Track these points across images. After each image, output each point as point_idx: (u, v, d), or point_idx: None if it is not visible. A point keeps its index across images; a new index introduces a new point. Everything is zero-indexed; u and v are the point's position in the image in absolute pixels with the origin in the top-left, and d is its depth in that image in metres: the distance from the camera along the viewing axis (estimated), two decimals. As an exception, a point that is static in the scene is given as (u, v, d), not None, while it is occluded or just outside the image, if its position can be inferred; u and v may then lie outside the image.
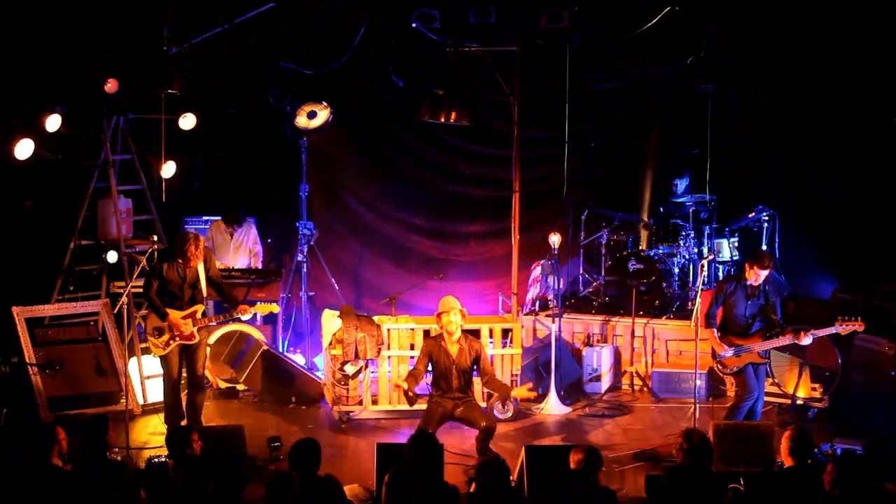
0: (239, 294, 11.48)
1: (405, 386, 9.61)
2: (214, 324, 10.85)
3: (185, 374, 10.40)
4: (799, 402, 11.08)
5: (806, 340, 9.78)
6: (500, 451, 9.56)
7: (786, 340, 9.84)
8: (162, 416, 10.49)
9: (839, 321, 9.72)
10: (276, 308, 10.83)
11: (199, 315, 10.13)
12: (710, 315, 10.02)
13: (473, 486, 7.53)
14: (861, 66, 12.19)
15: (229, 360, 11.74)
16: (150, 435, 10.51)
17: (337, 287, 13.11)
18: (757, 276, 9.81)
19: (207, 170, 13.38)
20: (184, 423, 10.10)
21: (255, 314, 10.60)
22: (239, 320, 10.78)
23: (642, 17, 11.82)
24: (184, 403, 10.34)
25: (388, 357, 11.09)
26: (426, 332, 10.89)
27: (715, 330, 9.97)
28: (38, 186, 12.16)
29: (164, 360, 10.18)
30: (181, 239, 10.06)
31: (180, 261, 10.01)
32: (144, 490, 7.80)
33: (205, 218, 13.27)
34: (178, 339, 10.07)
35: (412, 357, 11.14)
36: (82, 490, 7.48)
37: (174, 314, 10.03)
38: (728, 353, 9.89)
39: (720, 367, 10.09)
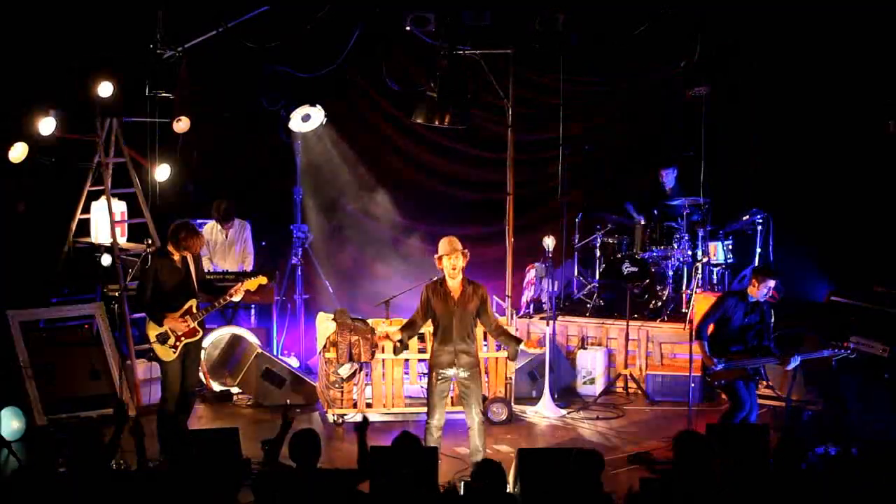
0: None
1: (396, 337, 9.25)
2: (213, 311, 10.25)
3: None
4: (793, 404, 11.09)
5: (793, 363, 9.81)
6: (493, 454, 9.55)
7: (773, 361, 9.91)
8: (156, 418, 10.42)
9: (831, 345, 9.83)
10: (263, 280, 10.26)
11: (194, 309, 9.82)
12: (703, 327, 9.91)
13: (467, 488, 7.51)
14: (854, 70, 12.23)
15: (223, 363, 11.73)
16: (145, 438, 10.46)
17: (331, 290, 13.10)
18: (759, 288, 9.73)
19: (201, 173, 13.36)
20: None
21: (247, 300, 10.34)
22: (232, 303, 10.33)
23: (637, 20, 11.83)
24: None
25: (383, 360, 11.08)
26: (421, 336, 10.86)
27: (705, 343, 9.91)
28: (33, 189, 12.14)
29: (171, 366, 9.75)
30: (178, 227, 9.70)
31: (175, 255, 9.68)
32: None
33: (199, 221, 13.21)
34: (183, 338, 9.75)
35: (406, 360, 11.15)
36: (79, 495, 7.45)
37: (172, 315, 9.71)
38: (718, 366, 9.85)
39: (709, 380, 10.09)
